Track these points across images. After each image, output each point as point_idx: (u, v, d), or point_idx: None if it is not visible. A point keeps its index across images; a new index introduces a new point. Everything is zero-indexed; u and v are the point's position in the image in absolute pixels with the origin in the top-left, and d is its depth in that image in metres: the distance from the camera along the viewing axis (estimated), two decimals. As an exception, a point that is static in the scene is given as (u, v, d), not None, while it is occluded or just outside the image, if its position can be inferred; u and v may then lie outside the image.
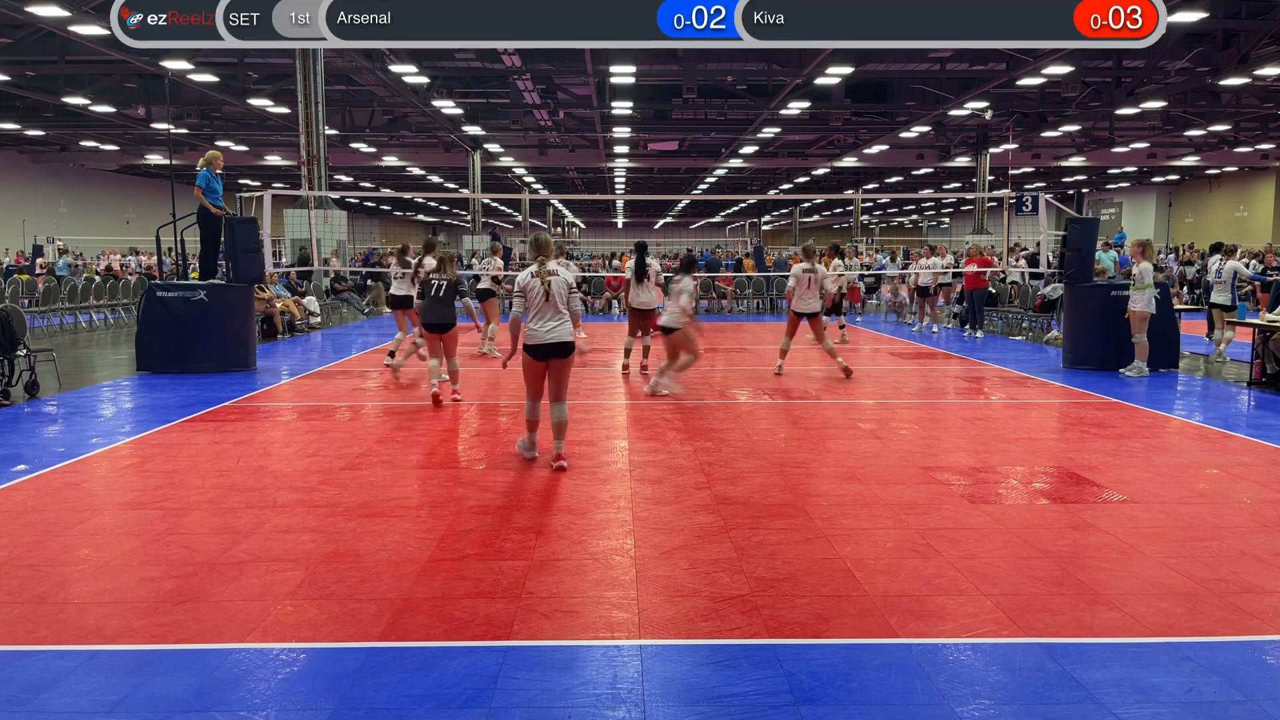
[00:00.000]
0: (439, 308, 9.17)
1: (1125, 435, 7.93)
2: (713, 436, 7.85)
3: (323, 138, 19.63)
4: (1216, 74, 20.72)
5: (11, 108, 27.21)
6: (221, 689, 3.43)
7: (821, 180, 44.98)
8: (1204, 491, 6.15)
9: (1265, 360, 10.77)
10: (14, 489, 6.16)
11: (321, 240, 19.29)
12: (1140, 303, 11.31)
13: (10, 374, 9.52)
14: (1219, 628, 3.97)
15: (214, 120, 29.68)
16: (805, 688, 3.45)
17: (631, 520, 5.47)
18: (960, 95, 24.79)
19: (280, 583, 4.46)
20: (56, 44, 19.93)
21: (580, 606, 4.19)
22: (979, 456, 7.14)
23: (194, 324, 11.63)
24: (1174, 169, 41.40)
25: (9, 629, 3.95)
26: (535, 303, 6.62)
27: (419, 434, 7.98)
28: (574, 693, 3.42)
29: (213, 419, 8.62)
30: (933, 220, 69.11)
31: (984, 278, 17.17)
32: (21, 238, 35.20)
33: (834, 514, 5.60)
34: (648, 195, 45.16)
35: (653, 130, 32.22)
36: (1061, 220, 20.70)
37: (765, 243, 48.06)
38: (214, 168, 12.06)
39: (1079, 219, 12.76)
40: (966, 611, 4.13)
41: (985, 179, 34.43)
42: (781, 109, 25.81)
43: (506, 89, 26.77)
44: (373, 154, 35.51)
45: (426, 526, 5.35)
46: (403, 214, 71.48)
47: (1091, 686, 3.45)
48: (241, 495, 6.00)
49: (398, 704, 3.33)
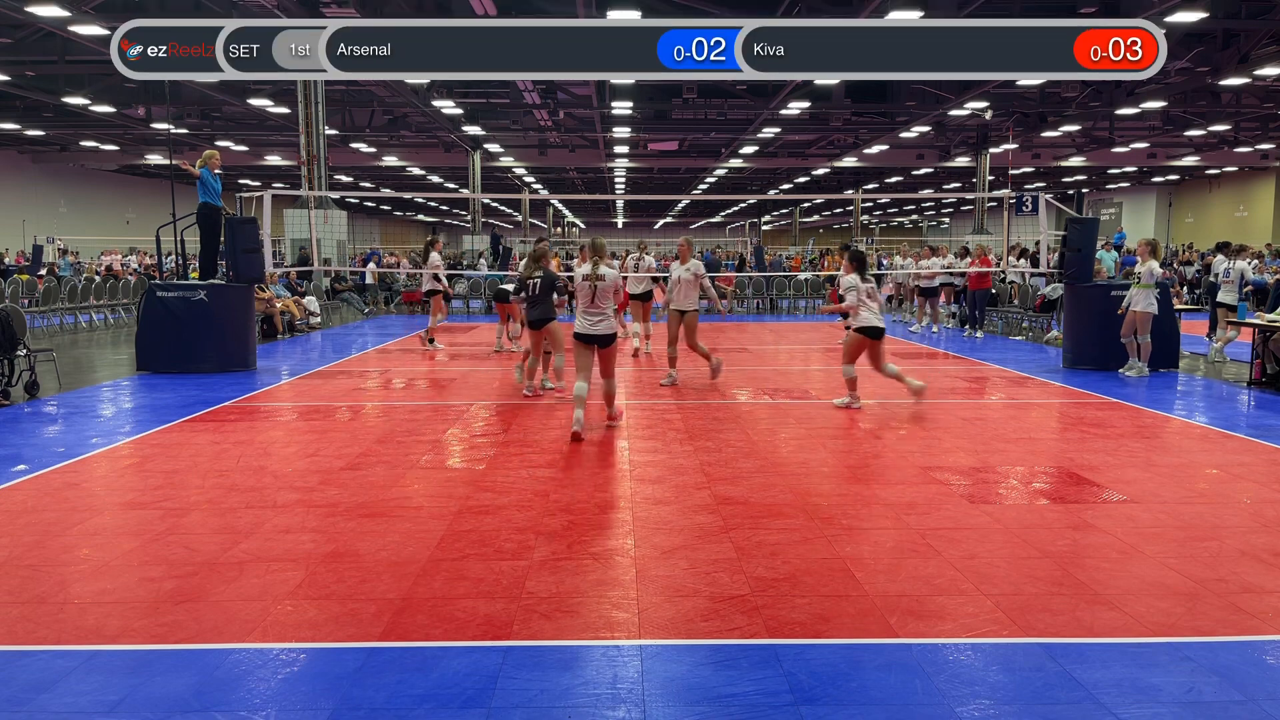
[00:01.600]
0: (537, 306, 9.33)
1: (1125, 435, 7.93)
2: (713, 436, 7.86)
3: (323, 138, 19.63)
4: (1216, 74, 20.73)
5: (11, 108, 27.22)
6: (221, 689, 3.43)
7: (821, 180, 44.98)
8: (1204, 491, 6.15)
9: (1265, 360, 10.78)
10: (14, 489, 6.16)
11: (321, 240, 19.27)
12: (1142, 302, 11.32)
13: (10, 374, 9.52)
14: (1219, 628, 3.97)
15: (214, 120, 29.68)
16: (805, 688, 3.45)
17: (631, 520, 5.47)
18: (960, 95, 24.79)
19: (280, 583, 4.46)
20: (56, 44, 19.93)
21: (580, 606, 4.19)
22: (979, 456, 7.13)
23: (194, 324, 11.64)
24: (1174, 169, 41.41)
25: (9, 629, 3.95)
26: (584, 299, 7.91)
27: (419, 434, 7.98)
28: (574, 693, 3.42)
29: (213, 419, 8.62)
30: (933, 220, 69.12)
31: (988, 278, 17.20)
32: (21, 238, 35.20)
33: (834, 514, 5.60)
34: (648, 195, 45.17)
35: (653, 130, 32.22)
36: (1061, 220, 20.71)
37: (765, 243, 48.04)
38: (212, 167, 12.06)
39: (1079, 219, 12.76)
40: (966, 611, 4.13)
41: (985, 179, 34.43)
42: (781, 109, 25.82)
43: (506, 89, 26.76)
44: (373, 154, 35.52)
45: (426, 526, 5.35)
46: (403, 214, 71.48)
47: (1091, 686, 3.45)
48: (241, 495, 6.00)
49: (398, 704, 3.33)
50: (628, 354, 13.28)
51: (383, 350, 14.67)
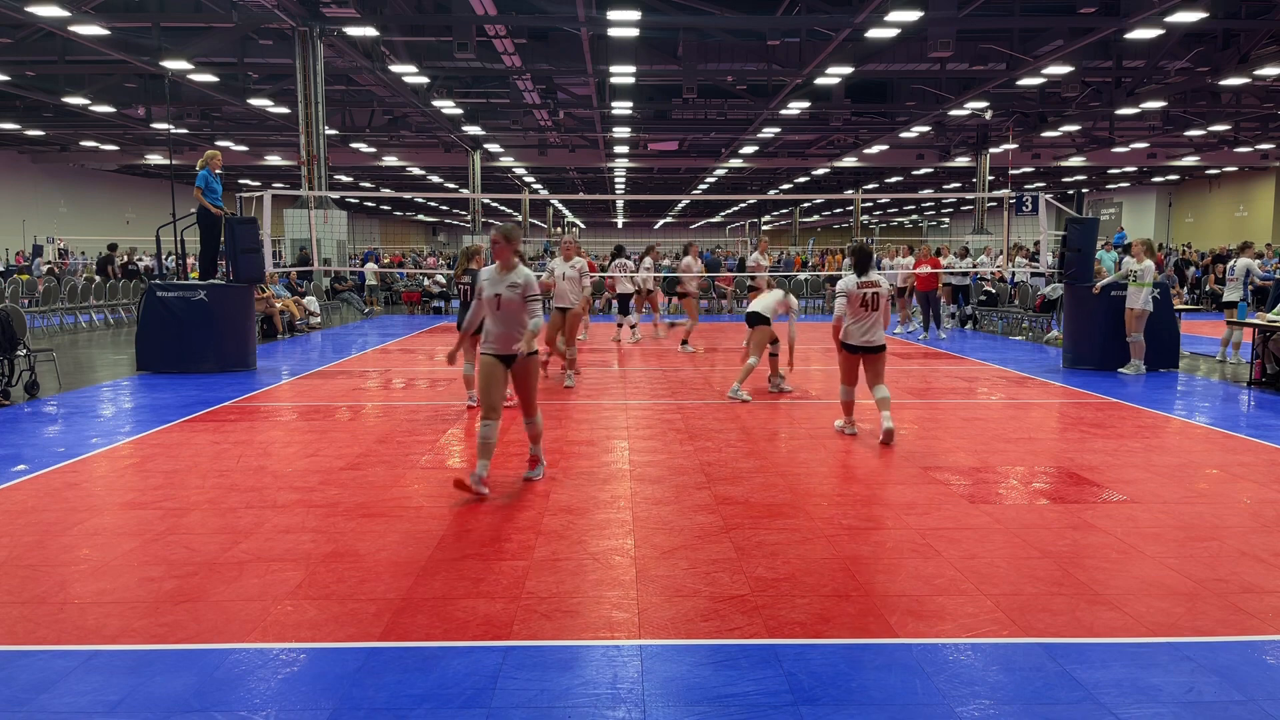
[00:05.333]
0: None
1: (1125, 435, 7.92)
2: (713, 436, 7.85)
3: (323, 138, 19.62)
4: (1216, 74, 20.73)
5: (11, 108, 27.22)
6: (221, 689, 3.43)
7: (821, 180, 44.99)
8: (1204, 491, 6.15)
9: (1265, 360, 10.78)
10: (14, 489, 6.16)
11: (321, 240, 19.27)
12: (1138, 301, 11.34)
13: (10, 374, 9.52)
14: (1219, 628, 3.97)
15: (214, 120, 29.68)
16: (805, 688, 3.45)
17: (631, 520, 5.47)
18: (960, 95, 24.79)
19: (280, 583, 4.46)
20: (56, 44, 19.93)
21: (580, 606, 4.19)
22: (979, 456, 7.13)
23: (194, 324, 11.63)
24: (1174, 169, 41.41)
25: (9, 629, 3.95)
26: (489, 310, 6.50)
27: (419, 434, 7.97)
28: (574, 693, 3.42)
29: (213, 419, 8.62)
30: (933, 220, 69.12)
31: (935, 279, 16.71)
32: (21, 238, 35.20)
33: (834, 514, 5.60)
34: (648, 195, 45.17)
35: (653, 130, 32.23)
36: (1061, 220, 20.68)
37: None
38: (213, 167, 12.06)
39: (1079, 219, 12.75)
40: (966, 611, 4.13)
41: (985, 179, 34.43)
42: (781, 109, 25.82)
43: (506, 89, 26.77)
44: (373, 154, 35.52)
45: (426, 526, 5.35)
46: (403, 214, 71.47)
47: (1091, 686, 3.45)
48: (241, 495, 6.00)
49: (398, 704, 3.33)
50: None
51: (382, 350, 14.66)
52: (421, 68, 21.47)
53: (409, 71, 21.24)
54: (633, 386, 10.68)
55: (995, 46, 20.93)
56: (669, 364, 12.59)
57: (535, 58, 22.07)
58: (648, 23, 17.83)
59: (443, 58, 21.74)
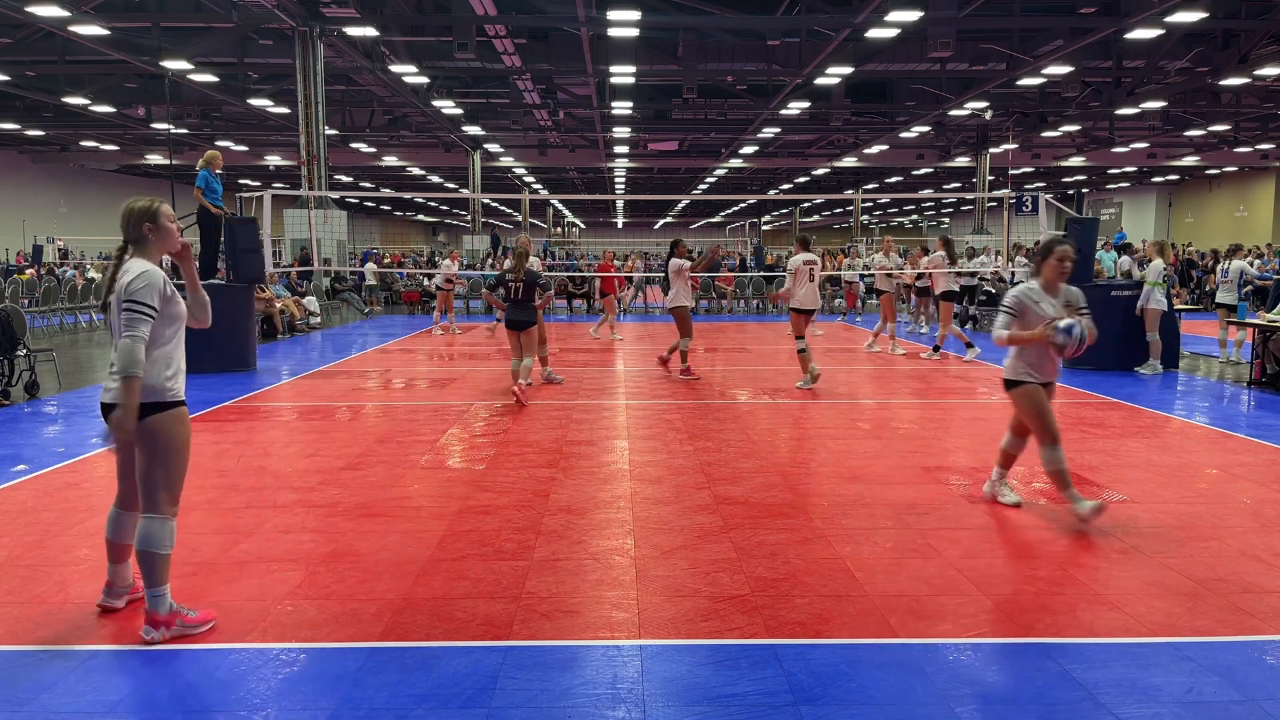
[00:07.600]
0: (517, 308, 9.56)
1: (1125, 435, 7.92)
2: (713, 436, 7.85)
3: (323, 138, 19.62)
4: (1216, 74, 20.73)
5: (11, 108, 27.21)
6: (221, 689, 3.43)
7: (821, 180, 44.98)
8: (1204, 491, 6.15)
9: (1265, 360, 10.78)
10: (14, 489, 6.16)
11: (321, 240, 19.27)
12: (1154, 300, 11.46)
13: (10, 374, 9.52)
14: (1219, 628, 3.97)
15: (214, 120, 29.68)
16: (805, 688, 3.45)
17: (631, 520, 5.47)
18: (960, 95, 24.79)
19: (280, 583, 4.46)
20: (56, 44, 19.93)
21: (580, 606, 4.19)
22: (979, 456, 7.13)
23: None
24: (1174, 169, 41.41)
25: (9, 629, 3.95)
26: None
27: (419, 434, 7.97)
28: (574, 693, 3.42)
29: (213, 419, 8.62)
30: (933, 220, 69.12)
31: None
32: (21, 238, 35.19)
33: (834, 514, 5.60)
34: (648, 195, 45.13)
35: (653, 130, 32.22)
36: (1061, 220, 20.69)
37: (765, 243, 48.04)
38: (213, 168, 12.05)
39: (1079, 219, 12.76)
40: (966, 611, 4.13)
41: (985, 179, 34.43)
42: (781, 109, 25.82)
43: (506, 89, 26.77)
44: (373, 154, 35.51)
45: (426, 526, 5.35)
46: (403, 214, 71.48)
47: (1091, 686, 3.45)
48: (241, 495, 6.00)
49: (398, 704, 3.33)
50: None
51: (381, 350, 14.67)
52: (421, 68, 21.47)
53: (409, 71, 21.24)
54: (633, 386, 10.68)
55: (995, 46, 20.95)
56: (671, 365, 12.59)
57: (535, 58, 22.08)
58: (648, 23, 17.84)
59: (443, 58, 21.75)
